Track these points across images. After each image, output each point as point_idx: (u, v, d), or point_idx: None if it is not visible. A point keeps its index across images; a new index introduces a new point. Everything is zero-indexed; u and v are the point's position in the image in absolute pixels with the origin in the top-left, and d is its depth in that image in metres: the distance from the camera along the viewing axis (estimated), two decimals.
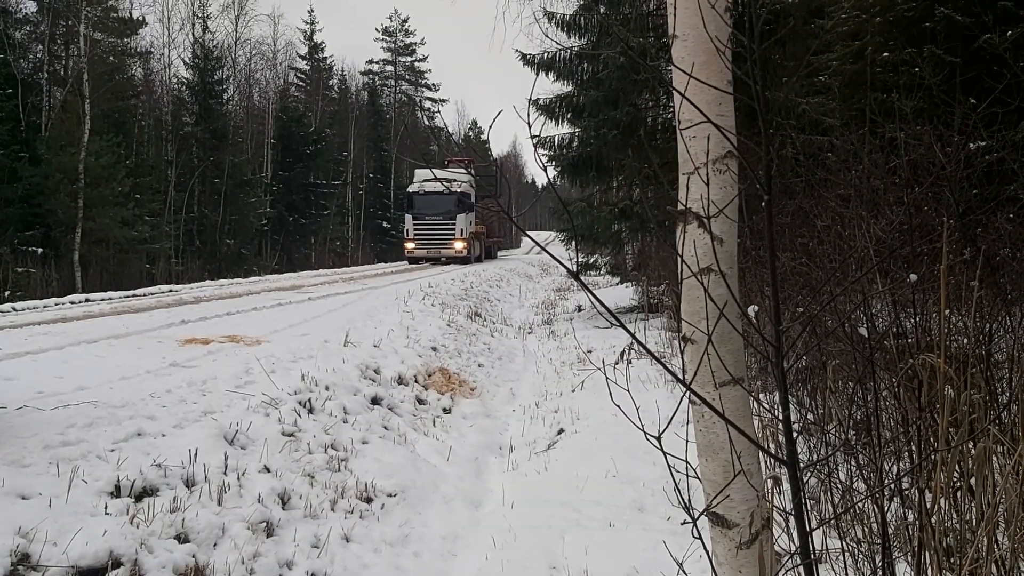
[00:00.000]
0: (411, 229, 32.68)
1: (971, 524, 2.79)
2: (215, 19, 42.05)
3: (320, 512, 4.72)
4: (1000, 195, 6.34)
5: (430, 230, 32.43)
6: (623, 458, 5.66)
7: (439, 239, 32.36)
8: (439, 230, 32.42)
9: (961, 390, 2.92)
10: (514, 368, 10.94)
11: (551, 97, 15.24)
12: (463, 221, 32.53)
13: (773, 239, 1.99)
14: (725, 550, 2.35)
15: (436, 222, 32.41)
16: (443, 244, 32.34)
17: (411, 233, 32.70)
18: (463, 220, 32.53)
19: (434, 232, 32.41)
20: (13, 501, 3.89)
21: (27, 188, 24.91)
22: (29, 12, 30.80)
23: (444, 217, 32.34)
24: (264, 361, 7.26)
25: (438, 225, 32.43)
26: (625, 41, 12.37)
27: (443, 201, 32.19)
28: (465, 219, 32.60)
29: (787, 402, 1.99)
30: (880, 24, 10.14)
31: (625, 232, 15.22)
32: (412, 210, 32.78)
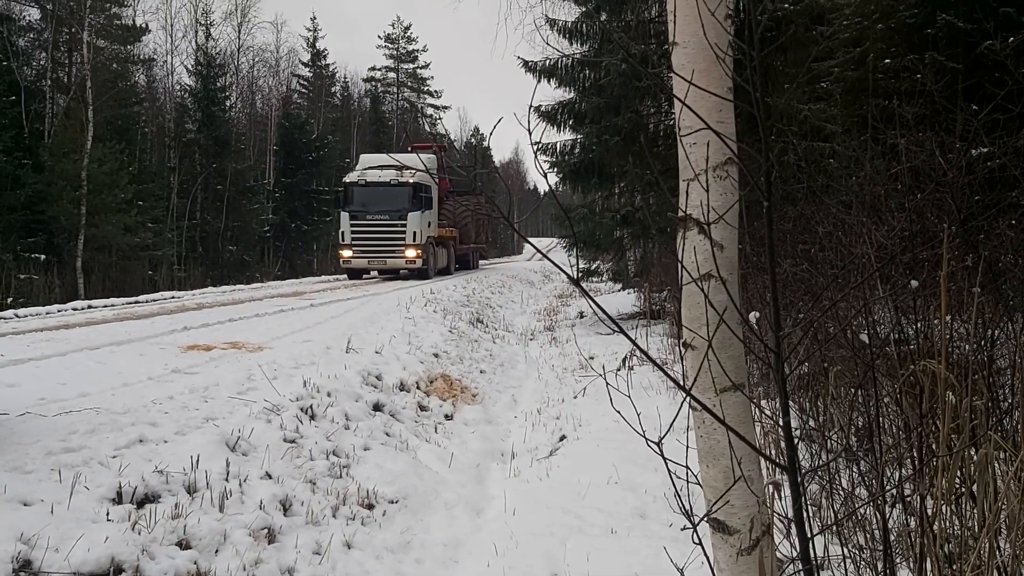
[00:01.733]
0: (347, 232, 24.85)
1: (973, 530, 2.79)
2: (218, 26, 42.14)
3: (322, 519, 4.72)
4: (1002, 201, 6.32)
5: (373, 233, 24.62)
6: (625, 465, 5.66)
7: (384, 246, 24.59)
8: (384, 233, 24.62)
9: (962, 396, 2.91)
10: (516, 374, 10.94)
11: (553, 104, 15.26)
12: (418, 222, 24.72)
13: (773, 245, 2.00)
14: (726, 556, 2.35)
15: (381, 223, 24.62)
16: (389, 252, 24.59)
17: (347, 237, 24.78)
18: (418, 220, 24.71)
19: (378, 236, 24.63)
20: (15, 507, 3.89)
21: (30, 195, 24.97)
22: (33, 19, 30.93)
23: (392, 216, 24.49)
24: (266, 367, 7.26)
25: (383, 227, 24.64)
26: (626, 48, 12.39)
27: (391, 195, 24.68)
28: (420, 219, 24.84)
29: (787, 408, 1.99)
30: (881, 31, 10.16)
31: (627, 238, 15.21)
32: (349, 206, 24.99)
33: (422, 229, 25.00)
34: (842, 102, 10.91)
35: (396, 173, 24.64)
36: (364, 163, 26.86)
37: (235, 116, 41.83)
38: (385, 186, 24.84)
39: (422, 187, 25.28)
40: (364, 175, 25.36)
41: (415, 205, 24.84)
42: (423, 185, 25.42)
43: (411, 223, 24.66)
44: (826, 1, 11.84)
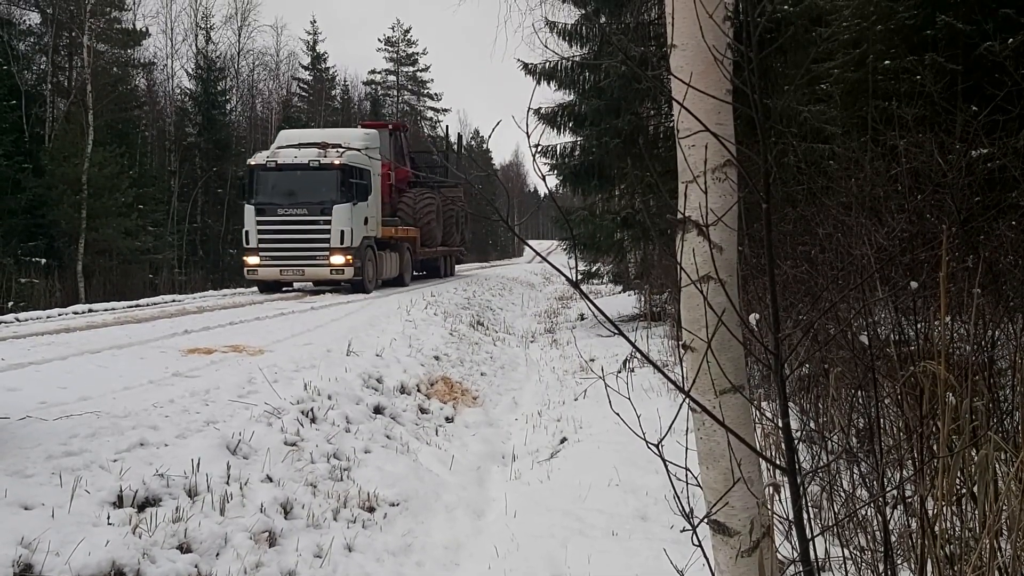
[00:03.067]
0: (252, 232, 18.75)
1: (974, 531, 2.79)
2: (218, 30, 42.12)
3: (322, 521, 4.72)
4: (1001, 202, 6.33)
5: (286, 233, 18.60)
6: (626, 467, 5.66)
7: (301, 250, 18.56)
8: (302, 233, 18.57)
9: (963, 397, 2.92)
10: (517, 377, 10.93)
11: (553, 106, 15.27)
12: (347, 217, 18.58)
13: (772, 247, 2.00)
14: (726, 558, 2.35)
15: (296, 219, 18.61)
16: (308, 258, 18.57)
17: (252, 239, 18.75)
18: (347, 215, 18.57)
19: (293, 237, 18.57)
20: (16, 511, 3.89)
21: (30, 199, 25.02)
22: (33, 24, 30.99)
23: (311, 210, 18.53)
24: (267, 371, 7.26)
25: (300, 224, 18.62)
26: (626, 50, 12.40)
27: (311, 182, 18.65)
28: (352, 213, 18.68)
29: (787, 410, 1.99)
30: (881, 32, 10.17)
31: (627, 241, 15.22)
32: (256, 198, 18.84)
33: (355, 227, 18.73)
34: (842, 104, 10.92)
35: (319, 152, 18.82)
36: (281, 140, 20.87)
37: (235, 119, 41.86)
38: (303, 169, 18.64)
39: (354, 171, 18.96)
40: (275, 155, 19.14)
41: (344, 195, 18.55)
42: (356, 168, 19.08)
43: (338, 219, 18.47)
44: (825, 2, 11.84)
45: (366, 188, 19.69)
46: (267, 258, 18.87)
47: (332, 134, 21.66)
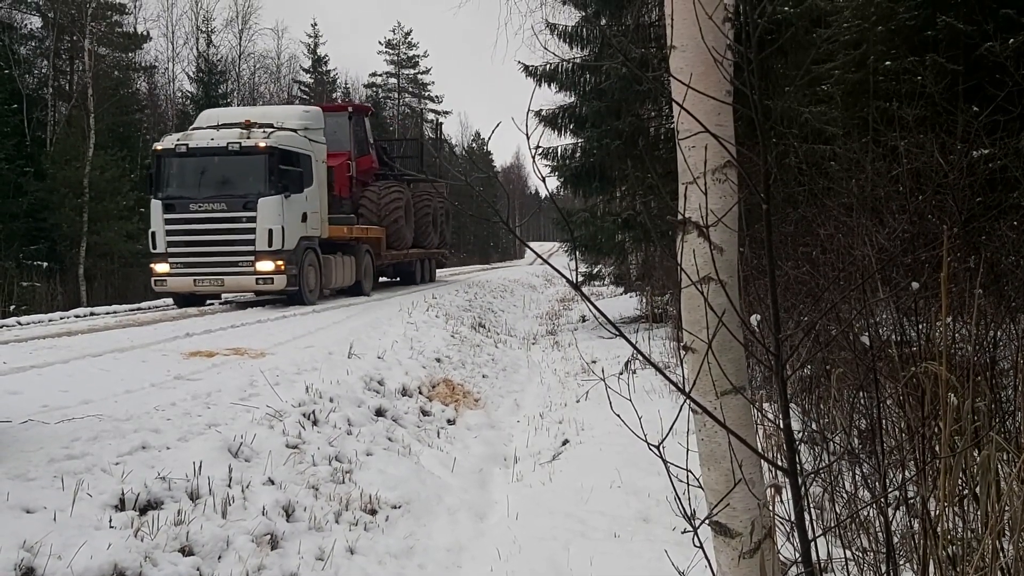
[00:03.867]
0: (160, 233, 15.34)
1: (976, 532, 2.79)
2: (219, 33, 42.24)
3: (324, 524, 4.72)
4: (1003, 203, 6.33)
5: (200, 234, 15.21)
6: (628, 469, 5.65)
7: (221, 254, 15.16)
8: (220, 234, 15.17)
9: (965, 398, 2.91)
10: (518, 379, 10.93)
11: (554, 108, 15.28)
12: (278, 212, 15.13)
13: (772, 248, 2.00)
14: (728, 559, 2.35)
15: (213, 216, 15.15)
16: (228, 264, 15.16)
17: (159, 242, 15.34)
18: (277, 210, 15.11)
19: (209, 239, 15.19)
20: (18, 515, 3.89)
21: (32, 202, 25.06)
22: (34, 28, 31.06)
23: (231, 205, 15.15)
24: (268, 373, 7.26)
25: (217, 223, 15.16)
26: (626, 52, 12.41)
27: (230, 169, 15.31)
28: (285, 208, 15.25)
29: (788, 411, 1.99)
30: (881, 33, 10.17)
31: (628, 242, 15.22)
32: (163, 191, 15.43)
33: (288, 225, 15.27)
34: (842, 104, 10.91)
35: (241, 133, 15.41)
36: (200, 120, 17.45)
37: None
38: (221, 155, 15.19)
39: (287, 155, 15.53)
40: (187, 138, 15.73)
41: (274, 185, 15.09)
42: (290, 152, 15.63)
43: (265, 215, 15.03)
44: (825, 3, 11.84)
45: (303, 177, 15.87)
46: (178, 265, 15.23)
47: (262, 112, 18.49)
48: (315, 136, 17.22)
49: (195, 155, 15.36)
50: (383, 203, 20.95)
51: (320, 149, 17.26)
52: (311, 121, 17.51)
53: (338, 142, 19.78)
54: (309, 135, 16.87)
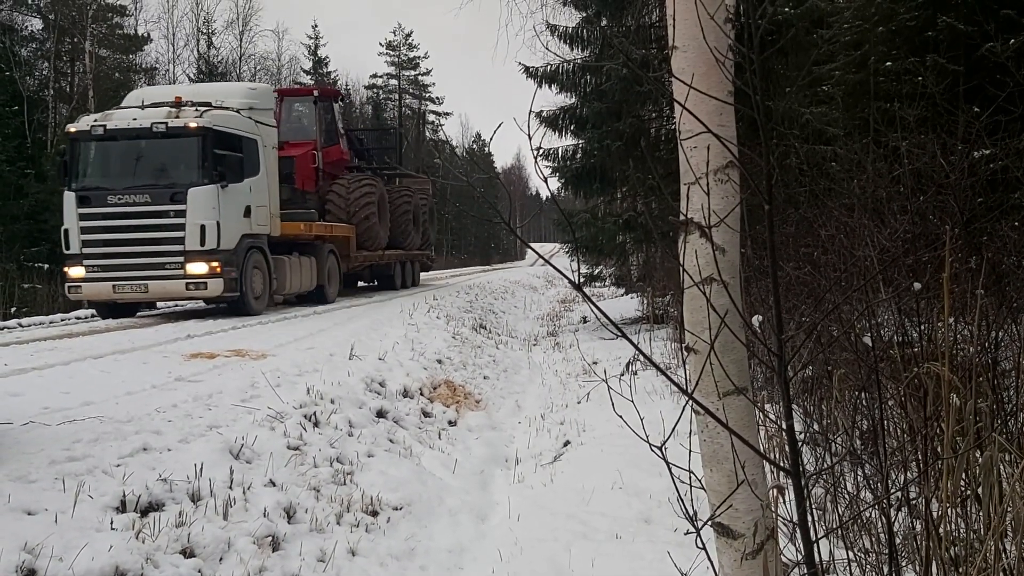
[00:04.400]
0: (74, 231, 13.12)
1: (978, 533, 2.78)
2: (220, 35, 42.25)
3: (326, 526, 4.71)
4: (1004, 203, 6.33)
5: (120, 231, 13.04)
6: (629, 470, 5.65)
7: (144, 255, 13.04)
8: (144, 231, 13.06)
9: (967, 399, 2.91)
10: (519, 380, 10.93)
11: (554, 109, 15.29)
12: (214, 205, 13.04)
13: (775, 248, 2.00)
14: (730, 560, 2.34)
15: (135, 210, 12.99)
16: (154, 267, 13.02)
17: (74, 240, 13.11)
18: (212, 202, 13.02)
19: (131, 237, 13.05)
20: (19, 517, 3.89)
21: (33, 204, 25.03)
22: (35, 30, 31.09)
23: (156, 197, 12.98)
24: (269, 375, 7.26)
25: (140, 218, 13.02)
26: (627, 53, 12.41)
27: (156, 154, 13.16)
28: (220, 200, 13.09)
29: (790, 412, 1.99)
30: (882, 33, 10.16)
31: (630, 243, 15.22)
32: (78, 181, 13.28)
33: (225, 220, 13.05)
34: (843, 105, 10.91)
35: (170, 112, 13.23)
36: (129, 100, 14.88)
37: None
38: (146, 137, 12.93)
39: (225, 138, 13.36)
40: (106, 118, 13.43)
41: (208, 172, 12.95)
42: (229, 135, 13.46)
43: (197, 208, 12.85)
44: (826, 4, 11.85)
45: (244, 164, 13.63)
46: (95, 269, 12.93)
47: (196, 90, 15.70)
48: (263, 118, 14.79)
49: (114, 138, 13.03)
50: (352, 198, 18.77)
51: (270, 133, 14.93)
52: (258, 100, 14.95)
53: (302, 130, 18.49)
54: (255, 116, 14.43)
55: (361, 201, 18.87)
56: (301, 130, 18.59)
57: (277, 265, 14.81)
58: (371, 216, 19.12)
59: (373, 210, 19.18)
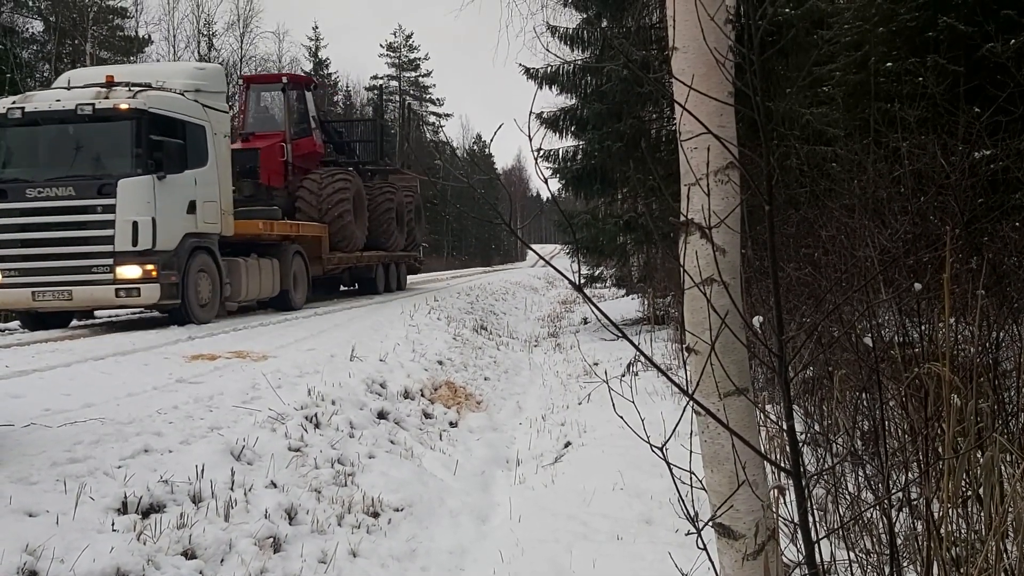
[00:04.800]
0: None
1: (980, 533, 2.78)
2: (220, 37, 42.22)
3: (327, 527, 4.71)
4: (1005, 204, 6.33)
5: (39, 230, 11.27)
6: (630, 471, 5.65)
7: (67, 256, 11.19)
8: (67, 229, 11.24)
9: (968, 399, 2.91)
10: (520, 381, 10.93)
11: (555, 110, 15.30)
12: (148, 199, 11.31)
13: (775, 249, 2.00)
14: (731, 561, 2.34)
15: (57, 205, 11.19)
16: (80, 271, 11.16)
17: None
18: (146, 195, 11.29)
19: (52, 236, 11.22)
20: (20, 518, 3.89)
21: None
22: (36, 32, 31.10)
23: (81, 190, 11.22)
24: (270, 376, 7.26)
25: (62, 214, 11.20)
26: (627, 54, 12.42)
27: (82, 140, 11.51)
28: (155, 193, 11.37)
29: (791, 412, 1.99)
30: (882, 34, 10.17)
31: (630, 244, 15.23)
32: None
33: (162, 216, 11.47)
34: (844, 106, 10.92)
35: (99, 92, 11.69)
36: (58, 82, 13.47)
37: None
38: (69, 120, 11.36)
39: (163, 121, 11.82)
40: (26, 99, 11.88)
41: (142, 161, 11.39)
42: (168, 118, 11.94)
43: (128, 202, 11.22)
44: (826, 5, 11.86)
45: (187, 152, 12.10)
46: (11, 273, 11.17)
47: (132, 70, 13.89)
48: (213, 102, 13.13)
49: (35, 123, 11.36)
50: (325, 194, 17.23)
51: (220, 119, 13.35)
52: (207, 82, 13.21)
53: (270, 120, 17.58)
54: (203, 99, 12.78)
55: (335, 198, 17.46)
56: (269, 121, 17.76)
57: (231, 268, 13.13)
58: (346, 214, 17.66)
59: (348, 207, 17.77)
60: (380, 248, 20.41)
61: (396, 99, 62.95)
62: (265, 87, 18.52)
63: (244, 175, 15.16)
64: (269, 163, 16.64)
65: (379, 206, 20.14)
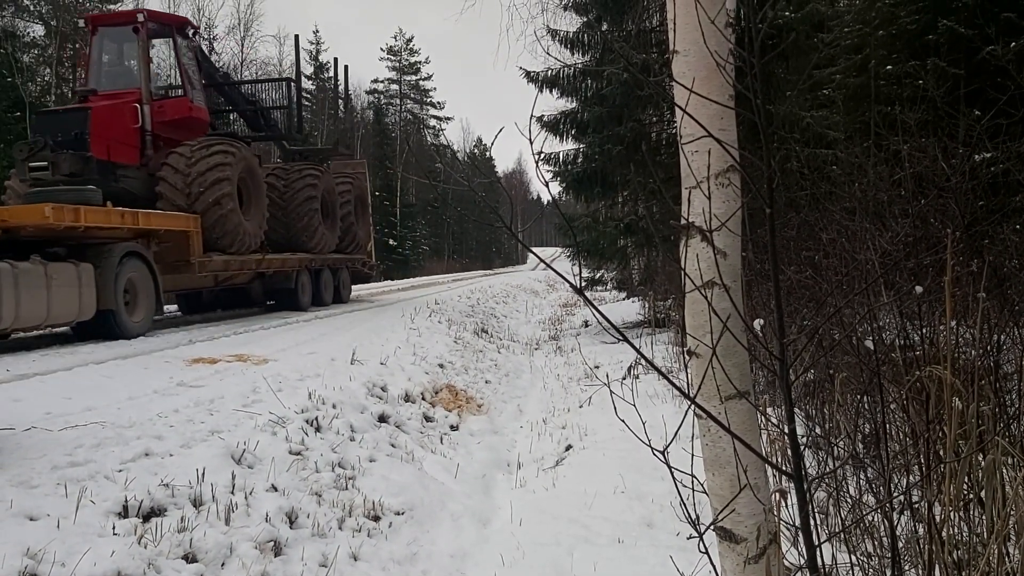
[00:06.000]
0: None
1: (982, 536, 2.78)
2: (221, 40, 42.25)
3: (328, 531, 4.71)
4: (1006, 206, 6.34)
5: None
6: (631, 474, 5.64)
7: None
8: None
9: (969, 402, 2.91)
10: (521, 384, 10.92)
11: (555, 113, 15.32)
12: None
13: (776, 252, 2.00)
14: (733, 565, 2.34)
15: None
16: None
17: None
18: None
19: None
20: (21, 522, 3.89)
21: None
22: (37, 36, 31.13)
23: None
24: (271, 380, 7.26)
25: None
26: (627, 57, 12.43)
27: None
28: None
29: (792, 415, 1.98)
30: (883, 37, 10.19)
31: (631, 247, 15.24)
32: None
33: None
34: (844, 109, 10.93)
35: None
36: None
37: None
38: None
39: None
40: None
41: None
42: None
43: None
44: (827, 8, 11.87)
45: None
46: None
47: None
48: None
49: None
50: (195, 172, 12.81)
51: None
52: None
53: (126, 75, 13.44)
54: None
55: (208, 178, 12.90)
56: (126, 75, 13.55)
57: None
58: (226, 199, 13.09)
59: (228, 190, 13.18)
60: (300, 249, 16.10)
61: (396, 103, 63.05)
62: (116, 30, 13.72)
63: (64, 145, 11.52)
64: (109, 130, 12.45)
65: (296, 194, 15.89)
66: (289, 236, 15.92)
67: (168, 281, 12.20)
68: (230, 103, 16.86)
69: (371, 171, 51.70)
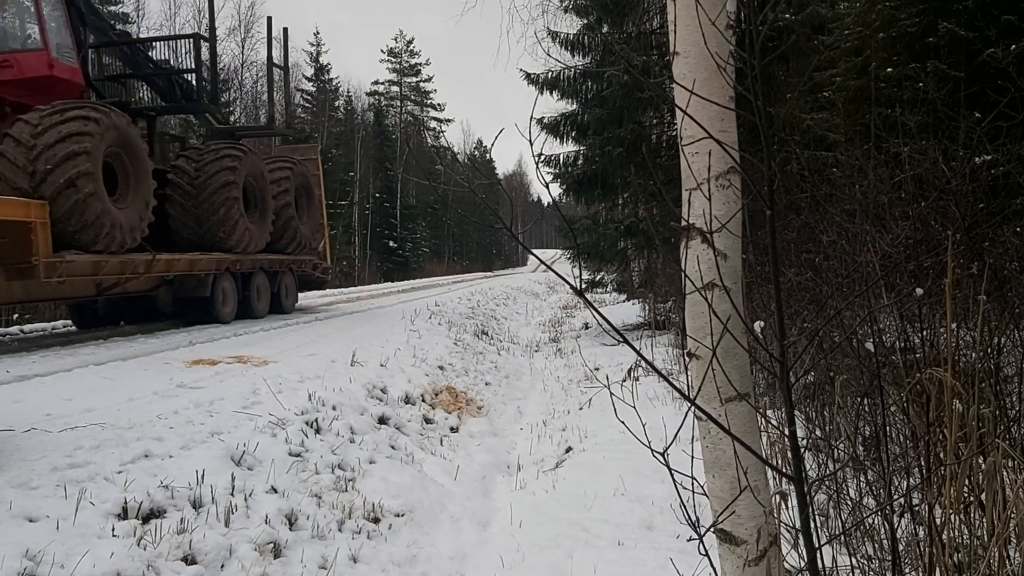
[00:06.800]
0: None
1: (982, 539, 2.77)
2: (222, 42, 42.18)
3: (327, 533, 4.70)
4: (1006, 209, 6.33)
5: None
6: (631, 476, 5.64)
7: None
8: None
9: (969, 404, 2.90)
10: (521, 386, 10.92)
11: (556, 116, 15.32)
12: None
13: (776, 254, 1.99)
14: (733, 567, 2.33)
15: None
16: None
17: None
18: None
19: None
20: (21, 523, 3.89)
21: None
22: None
23: None
24: (271, 381, 7.26)
25: None
26: (628, 59, 12.43)
27: None
28: None
29: (793, 418, 1.98)
30: (883, 39, 10.18)
31: (631, 249, 15.24)
32: None
33: None
34: (844, 111, 10.93)
35: None
36: None
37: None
38: None
39: None
40: None
41: None
42: None
43: None
44: (827, 10, 11.88)
45: None
46: None
47: None
48: None
49: None
50: (41, 145, 9.80)
51: None
52: None
53: None
54: None
55: (58, 151, 9.82)
56: None
57: None
58: (83, 180, 9.95)
59: (87, 168, 9.99)
60: (216, 248, 13.21)
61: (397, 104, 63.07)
62: None
63: None
64: None
65: (210, 179, 13.03)
66: (202, 232, 12.96)
67: (2, 291, 9.46)
68: (130, 67, 13.64)
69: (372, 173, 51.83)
